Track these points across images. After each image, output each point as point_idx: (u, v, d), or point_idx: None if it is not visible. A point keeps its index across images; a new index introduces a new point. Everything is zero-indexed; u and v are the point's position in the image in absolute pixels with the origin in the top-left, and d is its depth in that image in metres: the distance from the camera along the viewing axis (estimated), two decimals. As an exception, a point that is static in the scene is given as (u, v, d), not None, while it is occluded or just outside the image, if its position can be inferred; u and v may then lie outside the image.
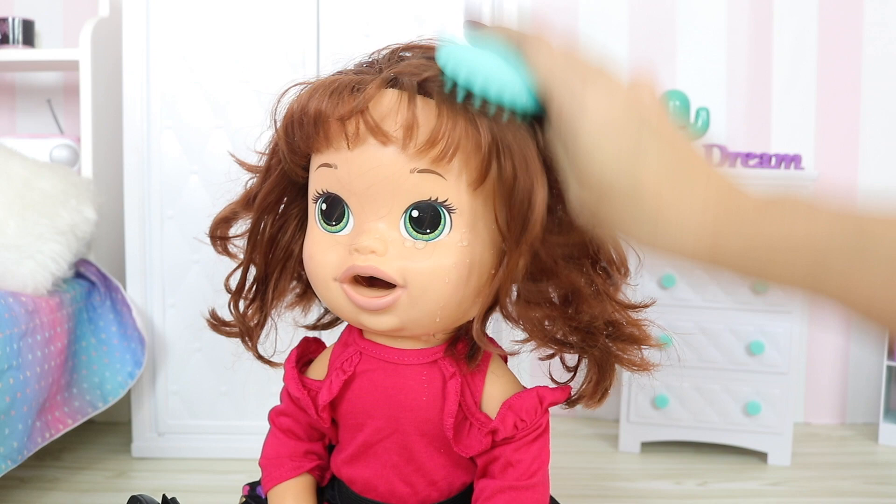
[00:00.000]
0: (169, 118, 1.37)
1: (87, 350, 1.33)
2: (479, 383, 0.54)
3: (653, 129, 0.40)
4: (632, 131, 0.39)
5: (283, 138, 0.51)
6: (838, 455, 1.52)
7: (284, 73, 1.35)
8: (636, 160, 0.39)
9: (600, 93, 0.40)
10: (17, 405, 1.08)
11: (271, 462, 0.61)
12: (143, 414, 1.42)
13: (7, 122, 1.76)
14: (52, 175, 1.32)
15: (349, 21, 1.35)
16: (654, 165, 0.39)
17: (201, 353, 1.41)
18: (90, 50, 1.44)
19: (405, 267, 0.48)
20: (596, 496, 1.28)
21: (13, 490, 1.26)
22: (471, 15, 0.48)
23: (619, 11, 1.75)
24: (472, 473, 0.57)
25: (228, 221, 0.58)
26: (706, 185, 0.39)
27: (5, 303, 1.10)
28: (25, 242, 1.21)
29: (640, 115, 0.40)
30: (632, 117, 0.40)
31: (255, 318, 0.60)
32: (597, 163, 0.39)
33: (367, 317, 0.50)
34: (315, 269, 0.51)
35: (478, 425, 0.53)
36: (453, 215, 0.48)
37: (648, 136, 0.39)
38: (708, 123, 1.52)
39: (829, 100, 1.72)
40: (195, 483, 1.32)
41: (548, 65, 0.42)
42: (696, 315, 1.43)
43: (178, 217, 1.38)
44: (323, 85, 0.48)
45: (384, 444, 0.55)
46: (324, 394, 0.56)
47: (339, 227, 0.51)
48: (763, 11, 1.71)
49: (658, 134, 0.40)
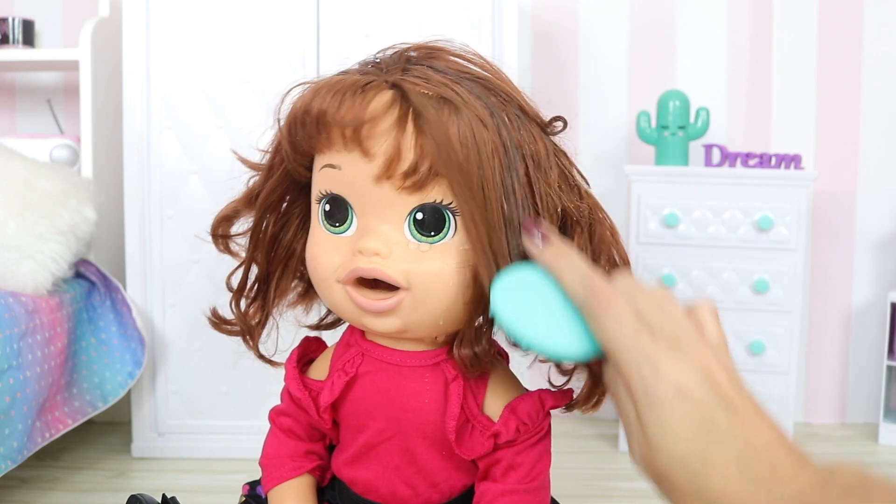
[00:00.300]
0: (169, 118, 1.37)
1: (87, 350, 1.33)
2: (482, 386, 0.54)
3: (730, 411, 0.37)
4: (706, 411, 0.36)
5: (286, 137, 0.51)
6: (838, 455, 1.52)
7: (284, 74, 1.35)
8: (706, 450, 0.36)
9: (676, 361, 0.37)
10: (17, 405, 1.08)
11: (272, 462, 0.61)
12: (143, 414, 1.42)
13: (7, 122, 1.76)
14: (52, 175, 1.32)
15: (349, 21, 1.35)
16: (725, 458, 0.36)
17: (201, 353, 1.41)
18: (90, 50, 1.44)
19: (409, 269, 0.48)
20: (596, 496, 1.28)
21: (13, 490, 1.26)
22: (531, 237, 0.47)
23: (619, 11, 1.75)
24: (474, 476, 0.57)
25: (230, 219, 0.58)
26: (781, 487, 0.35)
27: (5, 303, 1.10)
28: (25, 242, 1.21)
29: (717, 392, 0.37)
30: (708, 394, 0.37)
31: (256, 316, 0.59)
32: (666, 435, 0.36)
33: (369, 319, 0.50)
34: (318, 270, 0.51)
35: (480, 428, 0.53)
36: (458, 218, 0.48)
37: (723, 418, 0.36)
38: (708, 123, 1.53)
39: (829, 100, 1.72)
40: (195, 483, 1.32)
41: (618, 328, 0.39)
42: (697, 315, 1.43)
43: (178, 217, 1.38)
44: (327, 84, 0.48)
45: (386, 445, 0.55)
46: (325, 395, 0.56)
47: (342, 228, 0.50)
48: (763, 11, 1.72)
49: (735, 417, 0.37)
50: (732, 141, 1.74)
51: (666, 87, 1.66)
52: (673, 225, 1.43)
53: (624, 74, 1.77)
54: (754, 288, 1.40)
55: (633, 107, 1.75)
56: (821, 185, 1.71)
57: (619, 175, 1.58)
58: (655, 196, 1.45)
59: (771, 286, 1.40)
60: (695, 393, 0.36)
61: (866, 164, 1.73)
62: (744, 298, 1.42)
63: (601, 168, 1.74)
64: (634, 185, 1.47)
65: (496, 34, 1.37)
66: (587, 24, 1.76)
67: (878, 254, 1.73)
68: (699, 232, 1.43)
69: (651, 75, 1.75)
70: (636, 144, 1.72)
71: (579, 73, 1.77)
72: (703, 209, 1.44)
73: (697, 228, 1.43)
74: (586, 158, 1.75)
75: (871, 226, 1.73)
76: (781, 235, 1.40)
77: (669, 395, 0.36)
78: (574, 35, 1.76)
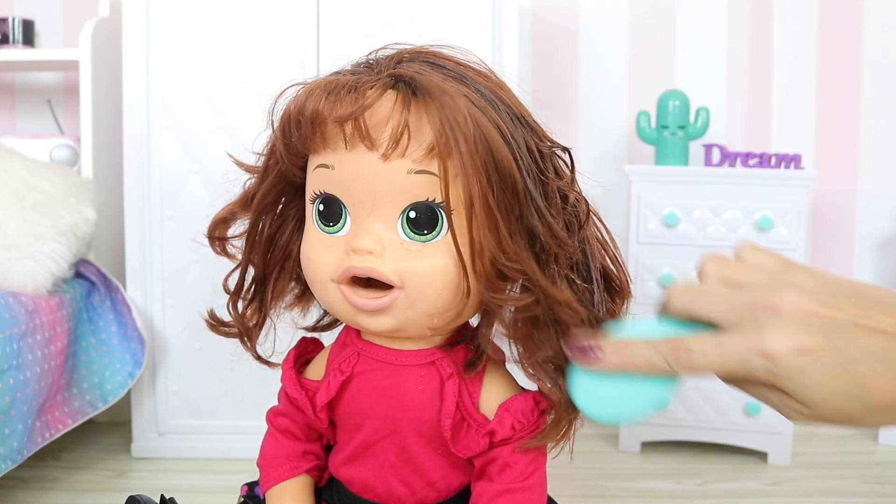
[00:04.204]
0: (169, 118, 1.37)
1: (87, 350, 1.33)
2: (477, 384, 0.54)
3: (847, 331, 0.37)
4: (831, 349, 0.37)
5: (280, 139, 0.51)
6: (838, 455, 1.52)
7: (284, 74, 1.35)
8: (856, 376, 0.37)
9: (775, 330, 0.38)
10: (17, 405, 1.08)
11: (269, 462, 0.61)
12: (143, 414, 1.42)
13: (7, 122, 1.76)
14: (52, 175, 1.32)
15: (349, 21, 1.35)
16: (875, 370, 0.37)
17: (201, 353, 1.41)
18: (90, 50, 1.44)
19: (402, 268, 0.48)
20: (596, 496, 1.28)
21: (13, 490, 1.26)
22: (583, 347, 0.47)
23: (619, 12, 1.75)
24: (470, 474, 0.57)
25: (226, 222, 0.58)
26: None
27: (5, 303, 1.10)
28: (25, 242, 1.21)
29: (825, 325, 0.38)
30: (820, 333, 0.38)
31: (253, 318, 0.60)
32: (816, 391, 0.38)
33: (364, 318, 0.50)
34: (312, 269, 0.51)
35: (475, 426, 0.53)
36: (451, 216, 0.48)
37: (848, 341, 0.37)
38: (708, 123, 1.52)
39: (829, 100, 1.72)
40: (195, 483, 1.32)
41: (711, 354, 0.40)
42: (696, 315, 1.43)
43: (178, 217, 1.38)
44: (320, 85, 0.48)
45: (382, 444, 0.55)
46: (321, 394, 0.56)
47: (336, 227, 0.51)
48: (763, 11, 1.71)
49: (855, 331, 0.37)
50: (732, 141, 1.73)
51: (666, 87, 1.65)
52: (673, 225, 1.43)
53: (624, 74, 1.77)
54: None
55: (633, 106, 1.75)
56: (821, 184, 1.71)
57: (619, 175, 1.58)
58: (655, 196, 1.45)
59: (771, 286, 1.40)
60: (810, 343, 0.37)
61: (866, 164, 1.73)
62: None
63: (601, 168, 1.74)
64: (634, 184, 1.47)
65: (496, 34, 1.36)
66: (587, 25, 1.76)
67: (878, 254, 1.73)
68: (699, 232, 1.43)
69: (651, 75, 1.75)
70: (636, 144, 1.72)
71: (579, 74, 1.77)
72: (703, 209, 1.43)
73: (697, 228, 1.43)
74: (586, 158, 1.76)
75: (871, 226, 1.73)
76: (781, 235, 1.40)
77: (794, 362, 0.37)
78: (574, 35, 1.76)
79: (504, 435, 0.52)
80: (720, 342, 0.40)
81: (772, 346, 0.38)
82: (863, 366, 0.37)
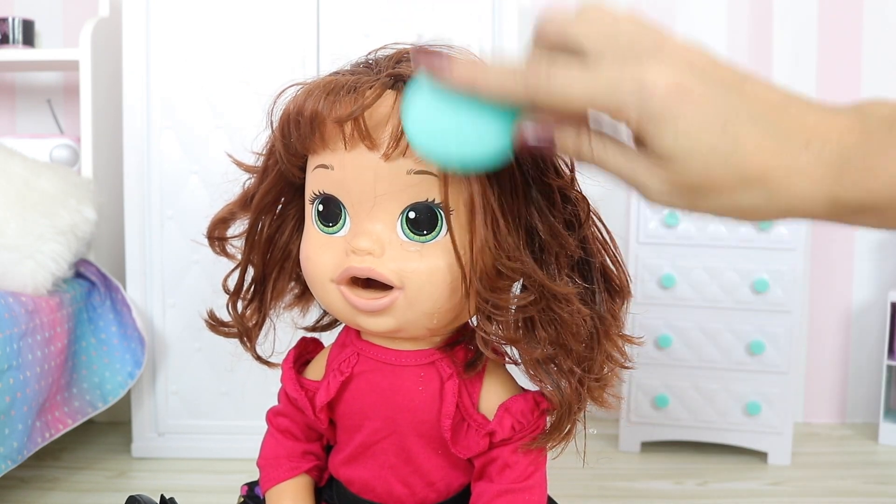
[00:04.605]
0: (169, 118, 1.37)
1: (87, 350, 1.33)
2: (477, 384, 0.54)
3: (734, 87, 0.35)
4: (712, 96, 0.34)
5: (279, 139, 0.51)
6: (838, 454, 1.52)
7: (284, 74, 1.35)
8: (730, 131, 0.34)
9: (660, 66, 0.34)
10: (17, 405, 1.08)
11: (269, 462, 0.61)
12: (143, 414, 1.42)
13: (7, 122, 1.76)
14: (52, 175, 1.32)
15: (349, 21, 1.35)
16: (751, 130, 0.34)
17: (201, 353, 1.41)
18: (90, 50, 1.44)
19: (402, 268, 0.48)
20: (596, 496, 1.28)
21: (13, 490, 1.26)
22: None
23: (619, 11, 1.75)
24: (470, 474, 0.57)
25: (226, 222, 0.58)
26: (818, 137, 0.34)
27: (5, 303, 1.10)
28: (25, 242, 1.21)
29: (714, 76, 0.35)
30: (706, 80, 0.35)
31: (253, 318, 0.60)
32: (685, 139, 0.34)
33: (364, 318, 0.50)
34: (312, 270, 0.51)
35: (475, 426, 0.53)
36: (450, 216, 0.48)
37: (732, 95, 0.35)
38: (708, 123, 1.52)
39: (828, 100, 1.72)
40: (195, 483, 1.32)
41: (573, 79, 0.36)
42: (696, 315, 1.43)
43: (178, 217, 1.38)
44: (319, 85, 0.48)
45: (382, 444, 0.55)
46: (321, 395, 0.56)
47: (335, 228, 0.51)
48: (763, 11, 1.71)
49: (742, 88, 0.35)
50: (732, 141, 1.73)
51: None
52: (673, 224, 1.43)
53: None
54: (754, 288, 1.40)
55: (633, 106, 1.74)
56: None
57: (618, 175, 1.58)
58: (655, 196, 1.45)
59: (771, 286, 1.40)
60: (693, 85, 0.34)
61: (866, 164, 1.72)
62: (744, 298, 1.41)
63: (601, 168, 1.74)
64: (634, 184, 1.47)
65: (496, 34, 1.36)
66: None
67: (878, 254, 1.73)
68: (699, 231, 1.43)
69: (651, 75, 1.75)
70: (636, 144, 1.72)
71: (579, 73, 1.77)
72: (702, 209, 1.44)
73: (697, 228, 1.43)
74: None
75: (872, 225, 1.73)
76: (781, 235, 1.40)
77: (671, 100, 0.34)
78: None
79: (504, 435, 0.52)
80: (590, 68, 0.35)
81: (650, 76, 0.34)
82: (741, 127, 0.34)
